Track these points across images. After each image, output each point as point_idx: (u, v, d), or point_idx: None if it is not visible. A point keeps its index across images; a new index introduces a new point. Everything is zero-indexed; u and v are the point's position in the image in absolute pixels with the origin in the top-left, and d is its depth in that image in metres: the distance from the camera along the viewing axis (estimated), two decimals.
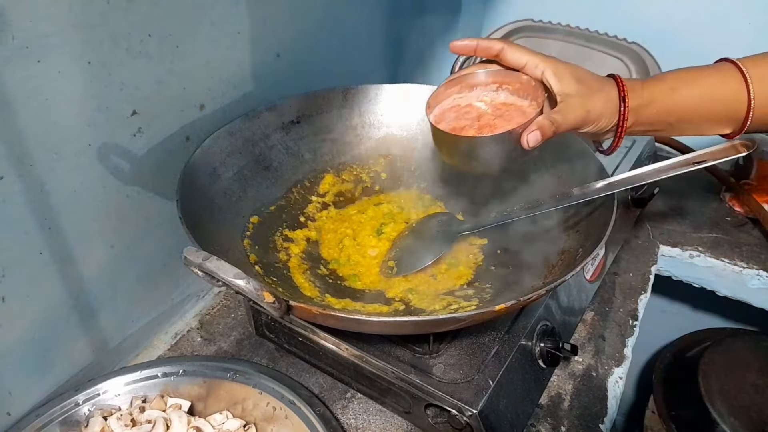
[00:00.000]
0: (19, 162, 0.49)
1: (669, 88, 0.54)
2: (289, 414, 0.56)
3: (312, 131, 0.75)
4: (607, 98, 0.53)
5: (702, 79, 0.53)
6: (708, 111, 0.54)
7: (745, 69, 0.52)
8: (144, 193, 0.63)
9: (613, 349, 0.73)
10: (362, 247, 0.70)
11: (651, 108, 0.53)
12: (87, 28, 0.50)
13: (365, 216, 0.74)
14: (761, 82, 0.51)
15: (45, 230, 0.53)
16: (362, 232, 0.72)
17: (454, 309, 0.59)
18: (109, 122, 0.56)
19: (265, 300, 0.43)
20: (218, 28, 0.64)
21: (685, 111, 0.54)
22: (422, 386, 0.56)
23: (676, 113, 0.54)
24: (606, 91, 0.53)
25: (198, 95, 0.65)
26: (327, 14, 0.83)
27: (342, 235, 0.71)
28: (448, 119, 0.58)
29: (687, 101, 0.53)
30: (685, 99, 0.53)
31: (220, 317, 0.76)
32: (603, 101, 0.53)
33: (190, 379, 0.60)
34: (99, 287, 0.61)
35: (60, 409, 0.56)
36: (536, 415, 0.64)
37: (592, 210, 0.60)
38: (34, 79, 0.47)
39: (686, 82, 0.54)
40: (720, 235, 0.92)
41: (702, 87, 0.53)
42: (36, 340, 0.56)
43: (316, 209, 0.74)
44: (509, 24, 1.12)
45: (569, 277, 0.49)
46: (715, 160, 0.55)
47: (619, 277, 0.85)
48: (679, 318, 1.22)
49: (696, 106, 0.53)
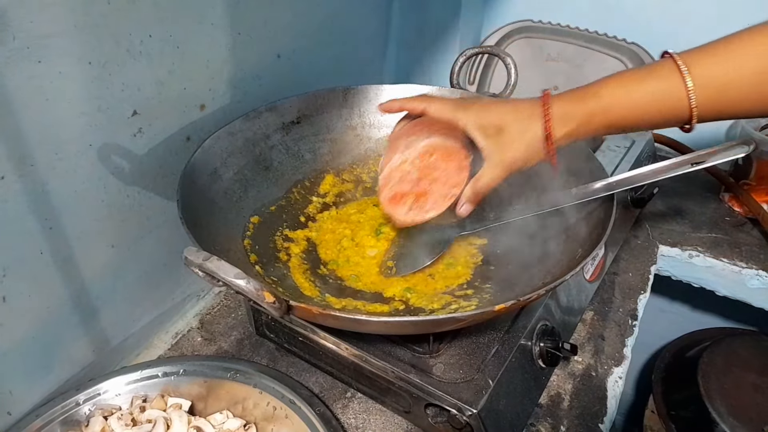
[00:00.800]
0: (20, 162, 0.49)
1: (609, 99, 0.51)
2: (289, 413, 0.56)
3: (312, 131, 0.75)
4: (531, 141, 0.52)
5: (643, 82, 0.50)
6: (651, 114, 0.51)
7: (683, 64, 0.48)
8: (145, 193, 0.63)
9: (613, 349, 0.73)
10: (361, 248, 0.70)
11: (590, 125, 0.52)
12: (88, 28, 0.50)
13: (364, 216, 0.74)
14: (702, 77, 0.48)
15: (46, 230, 0.53)
16: (360, 232, 0.72)
17: (453, 309, 0.59)
18: (110, 122, 0.56)
19: (265, 300, 0.43)
20: (219, 29, 0.64)
21: (628, 119, 0.51)
22: (422, 386, 0.56)
23: (617, 125, 0.52)
24: (531, 131, 0.52)
25: (198, 95, 0.65)
26: (327, 15, 0.83)
27: (340, 236, 0.71)
28: (393, 181, 0.61)
29: (627, 111, 0.51)
30: (625, 108, 0.51)
31: (221, 317, 0.76)
32: (525, 146, 0.53)
33: (190, 378, 0.60)
34: (99, 287, 0.61)
35: (60, 408, 0.56)
36: (536, 415, 0.64)
37: (591, 210, 0.60)
38: (35, 80, 0.47)
39: (627, 88, 0.51)
40: (719, 235, 0.92)
41: (642, 92, 0.50)
42: (36, 340, 0.56)
43: (316, 209, 0.74)
44: (509, 24, 1.13)
45: (569, 277, 0.49)
46: (715, 161, 0.55)
47: (618, 277, 0.85)
48: (679, 318, 1.22)
49: (639, 112, 0.51)
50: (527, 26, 1.12)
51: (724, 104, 0.49)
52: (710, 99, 0.48)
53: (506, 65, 0.76)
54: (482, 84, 1.14)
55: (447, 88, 0.77)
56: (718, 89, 0.48)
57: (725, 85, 0.48)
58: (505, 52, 0.77)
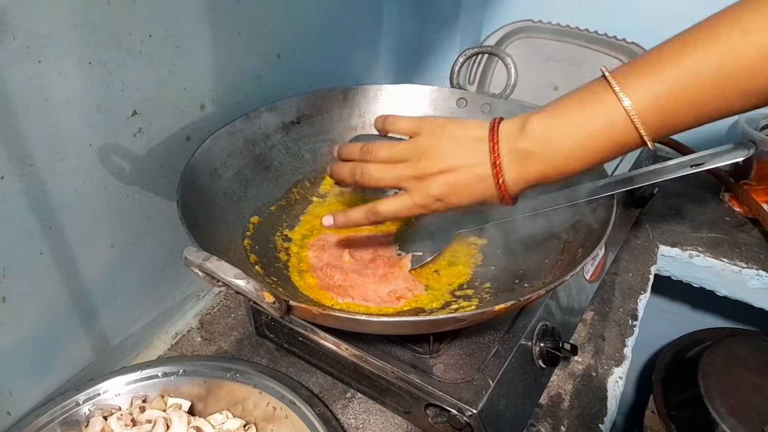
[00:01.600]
0: (19, 162, 0.49)
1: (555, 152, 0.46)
2: (289, 414, 0.56)
3: (312, 131, 0.75)
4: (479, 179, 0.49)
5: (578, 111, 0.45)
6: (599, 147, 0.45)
7: (616, 85, 0.43)
8: (144, 193, 0.63)
9: (613, 349, 0.73)
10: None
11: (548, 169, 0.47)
12: (88, 28, 0.50)
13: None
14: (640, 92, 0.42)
15: (45, 230, 0.53)
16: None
17: (453, 309, 0.59)
18: (110, 122, 0.56)
19: (265, 300, 0.43)
20: (219, 29, 0.64)
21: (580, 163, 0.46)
22: (422, 386, 0.56)
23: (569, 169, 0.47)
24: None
25: (198, 95, 0.65)
26: (327, 14, 0.83)
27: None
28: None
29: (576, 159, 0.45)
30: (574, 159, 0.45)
31: (221, 317, 0.76)
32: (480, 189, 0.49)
33: (190, 378, 0.60)
34: (99, 287, 0.61)
35: (60, 408, 0.56)
36: (536, 415, 0.64)
37: (591, 210, 0.60)
38: (35, 80, 0.47)
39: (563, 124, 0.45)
40: (719, 235, 0.92)
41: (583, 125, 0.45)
42: (36, 340, 0.56)
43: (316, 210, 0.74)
44: (509, 24, 1.12)
45: (569, 277, 0.49)
46: (714, 164, 0.55)
47: (618, 277, 0.85)
48: (679, 318, 1.22)
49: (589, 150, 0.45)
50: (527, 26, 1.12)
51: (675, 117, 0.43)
52: (657, 115, 0.42)
53: (506, 65, 0.75)
54: (482, 84, 1.14)
55: (447, 88, 0.77)
56: (663, 103, 0.42)
57: (670, 95, 0.41)
58: (505, 52, 0.77)
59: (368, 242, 0.68)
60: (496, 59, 1.13)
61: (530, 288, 0.58)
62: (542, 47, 1.10)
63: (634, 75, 0.43)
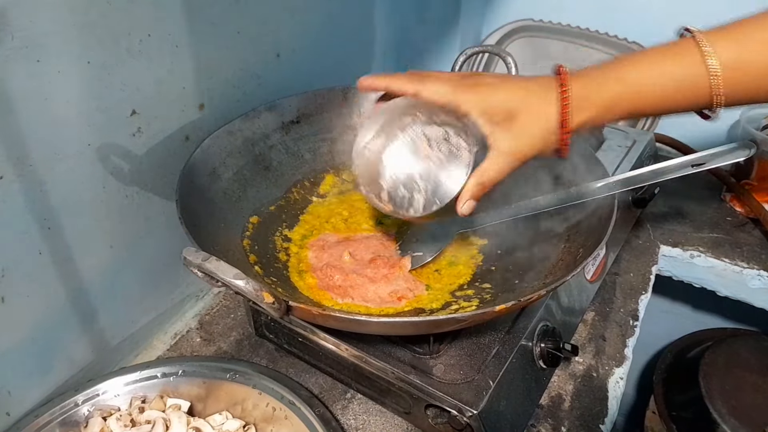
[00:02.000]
0: (18, 162, 0.48)
1: (634, 84, 0.47)
2: (288, 414, 0.56)
3: (312, 131, 0.75)
4: (545, 128, 0.47)
5: (664, 64, 0.46)
6: (677, 99, 0.47)
7: (704, 43, 0.44)
8: (143, 193, 0.63)
9: (614, 350, 0.73)
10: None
11: (611, 112, 0.48)
12: (87, 27, 0.50)
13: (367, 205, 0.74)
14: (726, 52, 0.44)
15: (44, 230, 0.53)
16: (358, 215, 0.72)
17: (454, 309, 0.59)
18: (109, 122, 0.55)
19: (264, 300, 0.43)
20: (218, 28, 0.64)
21: (654, 104, 0.47)
22: (422, 387, 0.55)
23: (640, 111, 0.48)
24: (545, 117, 0.47)
25: (197, 95, 0.65)
26: (327, 14, 0.83)
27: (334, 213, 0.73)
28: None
29: (653, 96, 0.47)
30: (651, 93, 0.46)
31: (220, 317, 0.76)
32: (538, 134, 0.47)
33: (189, 379, 0.60)
34: (98, 287, 0.61)
35: (59, 409, 0.56)
36: (536, 416, 0.64)
37: (592, 210, 0.60)
38: (34, 79, 0.47)
39: (651, 71, 0.46)
40: (720, 235, 0.92)
41: (667, 75, 0.46)
42: (35, 341, 0.56)
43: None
44: (509, 24, 1.13)
45: (570, 277, 0.49)
46: (716, 164, 0.54)
47: (619, 278, 0.85)
48: (680, 318, 1.22)
49: (665, 96, 0.46)
50: (528, 25, 1.12)
51: (753, 88, 0.44)
52: (737, 81, 0.44)
53: (507, 64, 0.75)
54: None
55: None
56: (746, 71, 0.43)
57: (752, 64, 0.43)
58: (505, 51, 0.77)
59: (368, 242, 0.68)
60: (496, 58, 1.13)
61: (531, 288, 0.58)
62: (543, 46, 1.10)
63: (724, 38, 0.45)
